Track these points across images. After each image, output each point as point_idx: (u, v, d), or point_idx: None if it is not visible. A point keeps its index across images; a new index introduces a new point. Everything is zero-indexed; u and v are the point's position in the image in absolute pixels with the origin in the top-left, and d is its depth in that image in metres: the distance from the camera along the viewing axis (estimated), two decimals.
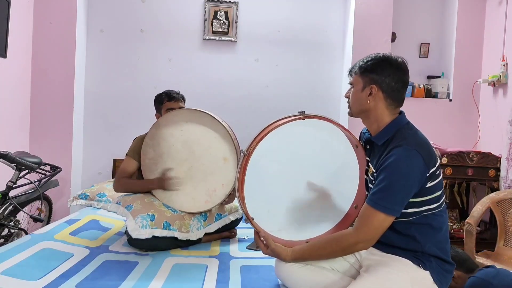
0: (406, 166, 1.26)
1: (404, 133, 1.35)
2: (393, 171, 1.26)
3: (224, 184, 2.00)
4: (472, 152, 2.91)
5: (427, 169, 1.28)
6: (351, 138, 1.55)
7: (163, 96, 2.26)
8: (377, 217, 1.27)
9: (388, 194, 1.26)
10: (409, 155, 1.26)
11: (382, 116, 1.40)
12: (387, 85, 1.37)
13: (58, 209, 3.07)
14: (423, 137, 1.37)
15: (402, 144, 1.29)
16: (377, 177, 1.32)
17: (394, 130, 1.37)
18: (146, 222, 1.88)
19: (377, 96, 1.38)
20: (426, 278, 1.31)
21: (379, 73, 1.37)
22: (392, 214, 1.27)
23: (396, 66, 1.38)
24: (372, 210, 1.28)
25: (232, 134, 2.02)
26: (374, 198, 1.29)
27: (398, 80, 1.37)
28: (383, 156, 1.33)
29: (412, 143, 1.29)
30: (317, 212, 1.61)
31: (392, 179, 1.26)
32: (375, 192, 1.29)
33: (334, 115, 3.58)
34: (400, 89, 1.39)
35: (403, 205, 1.28)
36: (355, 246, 1.32)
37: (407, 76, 1.40)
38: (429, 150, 1.32)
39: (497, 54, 3.17)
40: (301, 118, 1.46)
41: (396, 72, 1.37)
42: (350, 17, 3.44)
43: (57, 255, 1.78)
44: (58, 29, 3.10)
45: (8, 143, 2.76)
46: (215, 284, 1.56)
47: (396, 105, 1.41)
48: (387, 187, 1.26)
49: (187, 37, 3.46)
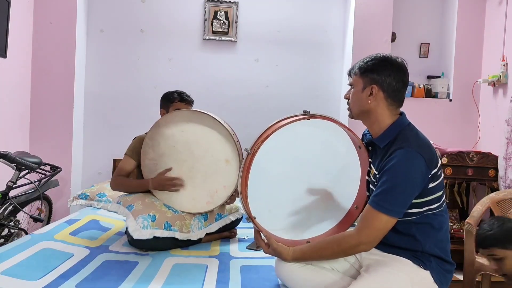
0: (408, 168, 1.26)
1: (406, 135, 1.34)
2: (396, 173, 1.26)
3: (226, 186, 2.00)
4: (472, 152, 2.91)
5: (429, 171, 1.28)
6: (354, 138, 1.54)
7: (175, 96, 2.26)
8: (379, 219, 1.27)
9: (390, 196, 1.26)
10: (411, 157, 1.26)
11: (383, 117, 1.39)
12: (388, 85, 1.36)
13: (58, 209, 3.07)
14: (424, 139, 1.36)
15: (404, 146, 1.29)
16: (379, 179, 1.32)
17: (396, 132, 1.37)
18: (147, 222, 1.88)
19: (378, 96, 1.37)
20: (426, 278, 1.31)
21: (380, 73, 1.37)
22: (394, 216, 1.27)
23: (397, 66, 1.38)
24: (374, 212, 1.28)
25: (234, 136, 2.01)
26: (376, 200, 1.29)
27: (398, 80, 1.37)
28: (385, 158, 1.32)
29: (414, 145, 1.29)
30: (318, 212, 1.61)
31: (395, 181, 1.26)
32: (378, 194, 1.29)
33: (334, 115, 3.56)
34: (400, 89, 1.39)
35: (405, 207, 1.28)
36: (357, 247, 1.32)
37: (407, 77, 1.40)
38: (431, 151, 1.32)
39: (497, 54, 3.17)
40: (306, 118, 1.45)
41: (397, 72, 1.37)
42: (350, 17, 3.44)
43: (57, 255, 1.78)
44: (58, 29, 3.10)
45: (8, 143, 2.76)
46: (215, 284, 1.56)
47: (396, 105, 1.40)
48: (390, 189, 1.26)
49: (187, 37, 3.46)
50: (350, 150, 1.56)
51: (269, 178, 1.57)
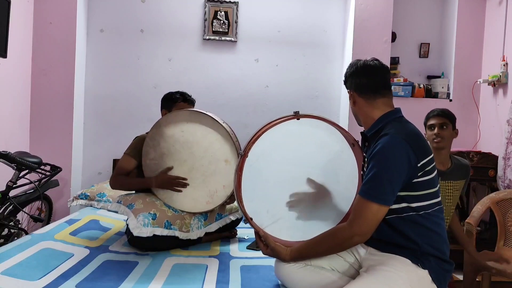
0: (392, 153, 1.27)
1: (393, 124, 1.37)
2: (380, 160, 1.28)
3: (226, 186, 2.00)
4: (472, 152, 2.91)
5: (416, 158, 1.28)
6: (347, 136, 1.56)
7: (178, 96, 2.26)
8: (370, 208, 1.27)
9: (377, 184, 1.27)
10: (395, 142, 1.28)
11: (369, 112, 1.45)
12: (357, 85, 1.47)
13: (58, 209, 3.07)
14: (413, 129, 1.38)
15: (388, 133, 1.31)
16: (367, 167, 1.34)
17: (384, 122, 1.40)
18: (148, 220, 1.88)
19: (355, 98, 1.48)
20: (425, 277, 1.31)
21: (350, 79, 1.50)
22: (384, 203, 1.27)
23: (361, 67, 1.46)
24: (364, 201, 1.28)
25: (233, 136, 2.02)
26: (364, 189, 1.30)
27: (363, 76, 1.45)
28: (372, 146, 1.35)
29: (400, 132, 1.31)
30: (317, 212, 1.61)
31: (380, 167, 1.27)
32: (365, 183, 1.30)
33: (334, 115, 3.59)
34: (366, 82, 1.44)
35: (394, 194, 1.28)
36: (350, 239, 1.32)
37: (372, 70, 1.45)
38: (419, 140, 1.33)
39: (497, 54, 3.17)
40: (296, 118, 1.48)
41: (361, 72, 1.46)
42: (350, 17, 3.44)
43: (57, 255, 1.78)
44: (58, 29, 3.11)
45: (8, 143, 2.76)
46: (215, 284, 1.56)
47: (371, 96, 1.44)
48: (375, 176, 1.27)
49: (187, 37, 3.46)
50: (344, 148, 1.58)
51: (266, 179, 1.57)
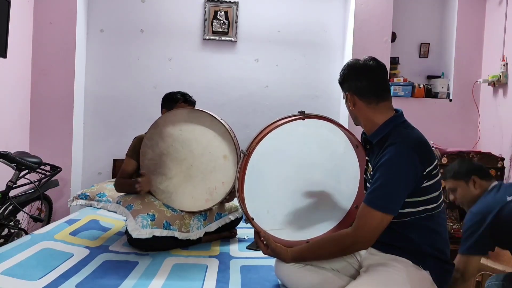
0: (400, 164, 1.26)
1: (400, 131, 1.35)
2: (388, 169, 1.27)
3: (225, 182, 2.00)
4: (472, 152, 2.91)
5: (422, 167, 1.28)
6: (351, 138, 1.55)
7: (179, 96, 2.26)
8: (374, 217, 1.27)
9: (383, 193, 1.27)
10: (403, 152, 1.27)
11: (371, 116, 1.41)
12: (356, 88, 1.42)
13: (58, 209, 3.07)
14: (419, 136, 1.36)
15: (396, 142, 1.29)
16: (373, 176, 1.33)
17: (389, 128, 1.38)
18: (147, 222, 1.88)
19: (355, 100, 1.43)
20: (425, 278, 1.31)
21: (347, 80, 1.45)
22: (389, 212, 1.27)
23: (358, 67, 1.43)
24: (369, 210, 1.28)
25: (231, 132, 2.03)
26: (370, 197, 1.29)
27: (362, 79, 1.41)
28: (379, 155, 1.33)
29: (407, 141, 1.29)
30: (317, 212, 1.61)
31: (387, 177, 1.27)
32: (371, 191, 1.30)
33: (334, 115, 3.58)
34: (367, 86, 1.40)
35: (399, 203, 1.28)
36: (354, 246, 1.32)
37: (372, 72, 1.41)
38: (425, 148, 1.32)
39: (497, 54, 3.17)
40: (301, 118, 1.46)
41: (359, 73, 1.42)
42: (350, 17, 3.44)
43: (57, 255, 1.78)
44: (58, 29, 3.10)
45: (8, 143, 2.76)
46: (215, 284, 1.56)
47: (374, 100, 1.40)
48: (382, 185, 1.27)
49: (187, 37, 3.46)
50: (348, 149, 1.57)
51: (267, 178, 1.57)
